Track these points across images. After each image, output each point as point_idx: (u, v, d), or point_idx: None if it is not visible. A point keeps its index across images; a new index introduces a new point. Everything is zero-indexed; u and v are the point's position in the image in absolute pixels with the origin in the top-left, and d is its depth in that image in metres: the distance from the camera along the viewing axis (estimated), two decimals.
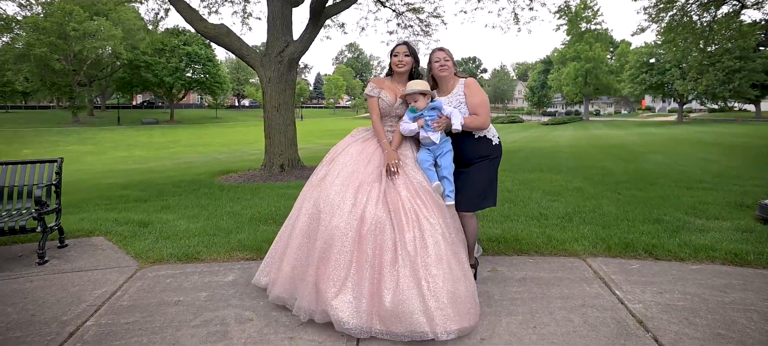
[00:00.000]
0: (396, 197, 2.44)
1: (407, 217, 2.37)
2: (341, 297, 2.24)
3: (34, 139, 30.31)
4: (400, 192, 2.47)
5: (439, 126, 2.62)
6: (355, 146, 2.75)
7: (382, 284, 2.23)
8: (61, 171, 3.94)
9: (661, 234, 3.77)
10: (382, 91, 2.78)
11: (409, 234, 2.31)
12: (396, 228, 2.33)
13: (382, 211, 2.37)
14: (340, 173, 2.56)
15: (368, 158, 2.63)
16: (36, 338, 2.31)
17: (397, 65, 2.79)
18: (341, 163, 2.64)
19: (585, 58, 51.15)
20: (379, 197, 2.42)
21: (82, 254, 3.69)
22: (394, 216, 2.37)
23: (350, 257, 2.29)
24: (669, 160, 9.94)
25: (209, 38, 8.75)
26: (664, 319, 2.38)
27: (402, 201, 2.43)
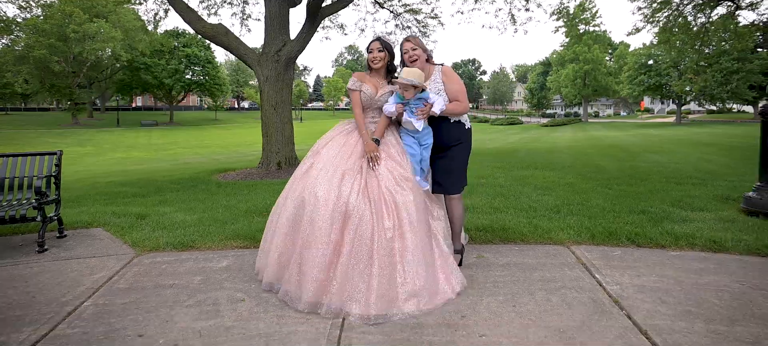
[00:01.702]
0: (376, 188, 2.55)
1: (387, 207, 2.48)
2: (322, 283, 2.37)
3: (34, 141, 30.43)
4: (381, 182, 2.57)
5: (424, 114, 2.73)
6: (339, 139, 2.84)
7: (362, 270, 2.35)
8: (60, 163, 4.04)
9: (644, 224, 3.87)
10: (364, 85, 2.87)
11: (387, 222, 2.42)
12: (375, 217, 2.43)
13: (363, 201, 2.47)
14: (324, 165, 2.66)
15: (351, 150, 2.73)
16: (36, 317, 2.40)
17: (372, 61, 2.89)
18: (325, 156, 2.73)
19: (584, 59, 51.38)
20: (361, 187, 2.53)
21: (80, 243, 3.79)
22: (375, 206, 2.47)
23: (333, 246, 2.40)
24: (664, 160, 10.04)
25: (207, 38, 8.86)
26: (638, 298, 2.48)
27: (382, 191, 2.53)
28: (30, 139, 31.03)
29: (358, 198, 2.48)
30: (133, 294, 2.69)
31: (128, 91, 52.69)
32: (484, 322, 2.25)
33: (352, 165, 2.64)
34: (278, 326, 2.24)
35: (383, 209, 2.47)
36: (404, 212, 2.47)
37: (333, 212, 2.44)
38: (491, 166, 8.50)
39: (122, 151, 24.79)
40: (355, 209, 2.44)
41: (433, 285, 2.45)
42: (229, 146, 24.89)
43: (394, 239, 2.41)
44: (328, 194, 2.49)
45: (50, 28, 37.46)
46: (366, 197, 2.51)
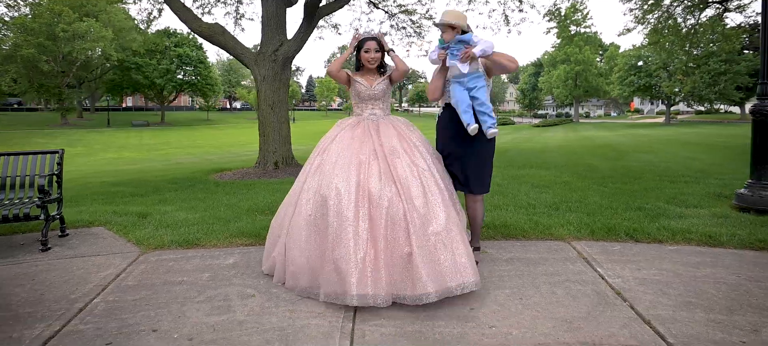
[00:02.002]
0: (400, 170, 2.56)
1: (415, 187, 2.50)
2: (363, 275, 2.31)
3: (23, 141, 29.98)
4: (402, 167, 2.58)
5: (465, 57, 2.69)
6: (345, 133, 2.82)
7: (401, 254, 2.36)
8: (62, 162, 4.03)
9: (642, 220, 3.97)
10: (356, 78, 2.93)
11: (418, 201, 2.46)
12: (403, 198, 2.45)
13: (387, 184, 2.49)
14: (337, 159, 2.63)
15: (361, 141, 2.73)
16: (47, 313, 2.41)
17: (368, 62, 2.90)
18: (335, 151, 2.71)
19: (575, 60, 51.95)
20: (381, 171, 2.54)
21: (83, 242, 3.78)
22: (402, 187, 2.48)
23: (365, 235, 2.38)
24: (655, 159, 10.22)
25: (204, 37, 8.83)
26: (640, 290, 2.55)
27: (406, 173, 2.55)
28: (19, 140, 30.56)
29: (381, 182, 2.49)
30: (142, 291, 2.70)
31: (119, 91, 52.16)
32: (493, 314, 2.31)
33: (366, 153, 2.64)
34: (291, 320, 2.27)
35: (411, 189, 2.48)
36: (430, 196, 2.49)
37: (357, 201, 2.44)
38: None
39: (113, 151, 24.54)
40: (380, 194, 2.45)
41: (472, 265, 2.43)
42: (222, 146, 24.76)
43: (428, 217, 2.41)
44: (348, 185, 2.49)
45: (39, 27, 36.94)
46: (389, 178, 2.52)
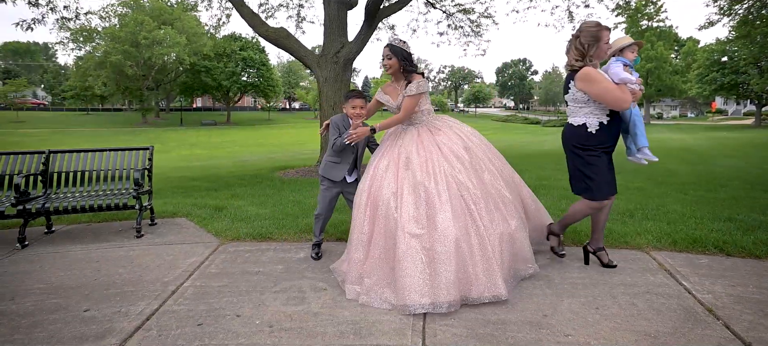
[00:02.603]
0: (401, 180, 2.70)
1: (408, 195, 2.63)
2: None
3: (111, 139, 33.34)
4: (402, 176, 2.71)
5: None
6: (389, 140, 3.04)
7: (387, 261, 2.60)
8: (152, 157, 4.46)
9: (733, 232, 3.62)
10: (382, 95, 3.10)
11: (410, 209, 2.60)
12: (401, 210, 2.59)
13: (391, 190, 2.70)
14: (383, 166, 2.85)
15: (398, 147, 2.90)
16: (146, 293, 2.69)
17: (386, 68, 3.00)
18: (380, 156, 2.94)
19: (646, 57, 48.12)
20: (391, 180, 2.73)
21: (170, 230, 4.15)
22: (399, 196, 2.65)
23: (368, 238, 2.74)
24: (743, 164, 9.24)
25: (270, 41, 9.30)
26: (737, 309, 2.34)
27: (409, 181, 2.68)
28: (107, 137, 34.05)
29: (390, 190, 2.68)
30: (224, 279, 2.92)
31: (190, 92, 56.34)
32: (568, 322, 2.23)
33: (385, 163, 2.84)
34: (363, 315, 2.35)
35: (403, 196, 2.62)
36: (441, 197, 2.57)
37: (366, 207, 2.73)
38: (550, 168, 8.26)
39: (186, 149, 26.55)
40: (388, 202, 2.63)
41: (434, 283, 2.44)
42: (283, 145, 25.90)
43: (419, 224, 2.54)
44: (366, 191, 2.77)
45: (125, 35, 40.99)
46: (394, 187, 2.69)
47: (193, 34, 45.28)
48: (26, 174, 4.05)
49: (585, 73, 2.65)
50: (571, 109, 2.83)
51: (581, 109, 2.77)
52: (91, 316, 2.40)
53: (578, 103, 2.76)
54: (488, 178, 2.75)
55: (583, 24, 2.73)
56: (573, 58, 2.73)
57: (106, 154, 4.42)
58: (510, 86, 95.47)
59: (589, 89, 2.65)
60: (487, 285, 2.39)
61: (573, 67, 2.72)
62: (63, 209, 3.76)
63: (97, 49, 41.61)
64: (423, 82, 2.91)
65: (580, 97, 2.73)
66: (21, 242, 3.68)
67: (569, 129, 2.86)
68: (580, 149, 2.80)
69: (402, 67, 2.94)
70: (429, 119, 3.02)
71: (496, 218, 2.61)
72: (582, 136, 2.78)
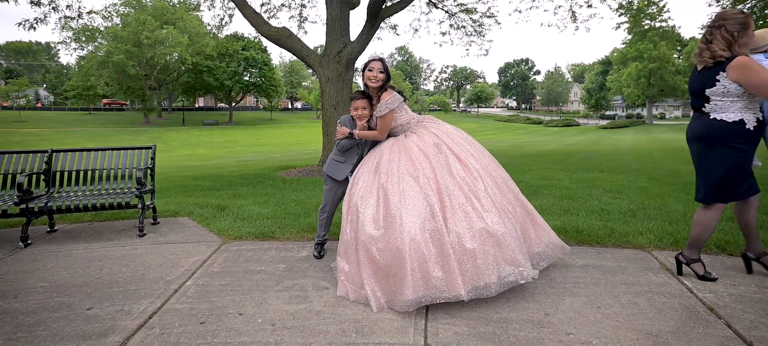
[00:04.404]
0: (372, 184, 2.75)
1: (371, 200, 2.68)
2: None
3: (113, 138, 33.46)
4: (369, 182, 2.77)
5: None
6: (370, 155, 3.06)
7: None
8: (154, 156, 4.47)
9: (735, 232, 3.60)
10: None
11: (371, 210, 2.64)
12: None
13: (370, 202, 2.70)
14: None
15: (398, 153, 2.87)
16: (149, 291, 2.70)
17: (370, 80, 2.98)
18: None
19: (648, 57, 48.04)
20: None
21: (172, 229, 4.17)
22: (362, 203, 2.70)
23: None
24: None
25: (272, 41, 9.31)
26: (738, 308, 2.34)
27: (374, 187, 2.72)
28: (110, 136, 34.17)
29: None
30: (227, 277, 2.93)
31: (192, 92, 56.50)
32: (570, 321, 2.23)
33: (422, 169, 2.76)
34: (365, 314, 2.36)
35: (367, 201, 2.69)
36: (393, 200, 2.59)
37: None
38: (552, 167, 8.25)
39: (188, 148, 26.61)
40: (354, 206, 2.73)
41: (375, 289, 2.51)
42: (285, 145, 25.94)
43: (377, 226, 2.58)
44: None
45: (127, 35, 41.14)
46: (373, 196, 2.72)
47: (195, 34, 45.43)
48: (29, 173, 4.07)
49: (742, 63, 2.41)
50: (717, 104, 2.54)
51: (734, 104, 2.50)
52: (93, 314, 2.41)
53: (730, 96, 2.49)
54: (462, 173, 2.66)
55: (724, 12, 2.54)
56: (719, 49, 2.49)
57: (109, 154, 4.44)
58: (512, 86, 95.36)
59: (748, 79, 2.40)
60: (447, 284, 2.30)
61: (719, 59, 2.49)
62: (65, 208, 3.78)
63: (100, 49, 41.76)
64: (392, 98, 2.93)
65: (734, 89, 2.46)
66: (24, 240, 3.70)
67: (720, 126, 2.54)
68: (736, 147, 2.53)
69: (384, 84, 3.01)
70: (410, 127, 3.04)
71: (460, 214, 2.47)
72: (740, 133, 2.51)
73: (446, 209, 2.50)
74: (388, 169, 2.75)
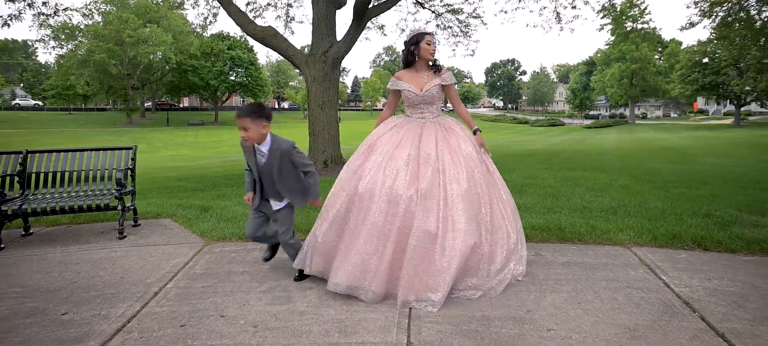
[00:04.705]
0: (422, 178, 2.59)
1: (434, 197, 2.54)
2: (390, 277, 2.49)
3: (93, 139, 32.72)
4: (425, 176, 2.61)
5: None
6: (389, 136, 2.90)
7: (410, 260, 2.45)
8: (135, 157, 4.39)
9: (711, 227, 3.71)
10: (402, 83, 2.96)
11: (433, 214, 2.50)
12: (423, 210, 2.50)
13: (411, 190, 2.55)
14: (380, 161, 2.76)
15: (401, 146, 2.79)
16: (127, 295, 2.65)
17: (431, 53, 2.94)
18: (379, 153, 2.81)
19: (631, 58, 49.02)
20: (409, 179, 2.60)
21: (154, 231, 4.10)
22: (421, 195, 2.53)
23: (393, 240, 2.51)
24: (723, 163, 9.47)
25: (258, 40, 9.22)
26: (712, 301, 2.40)
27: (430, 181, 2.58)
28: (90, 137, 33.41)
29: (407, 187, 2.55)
30: (209, 279, 2.89)
31: (177, 92, 55.54)
32: (551, 317, 2.26)
33: (403, 159, 2.70)
34: (349, 314, 2.35)
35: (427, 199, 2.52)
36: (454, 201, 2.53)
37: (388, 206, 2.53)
38: (537, 167, 8.35)
39: (173, 148, 26.19)
40: (400, 199, 2.51)
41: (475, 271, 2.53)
42: None
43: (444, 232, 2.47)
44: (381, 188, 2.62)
45: (109, 33, 40.22)
46: (415, 186, 2.56)
47: (179, 33, 44.67)
48: (2, 175, 3.95)
49: None
50: None
51: None
52: (69, 319, 2.35)
53: None
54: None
55: None
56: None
57: (87, 154, 4.33)
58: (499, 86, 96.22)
59: None
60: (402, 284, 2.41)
61: None
62: (41, 211, 3.68)
63: (80, 48, 40.74)
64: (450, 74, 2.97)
65: None
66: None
67: None
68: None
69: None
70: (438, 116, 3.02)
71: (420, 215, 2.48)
72: None
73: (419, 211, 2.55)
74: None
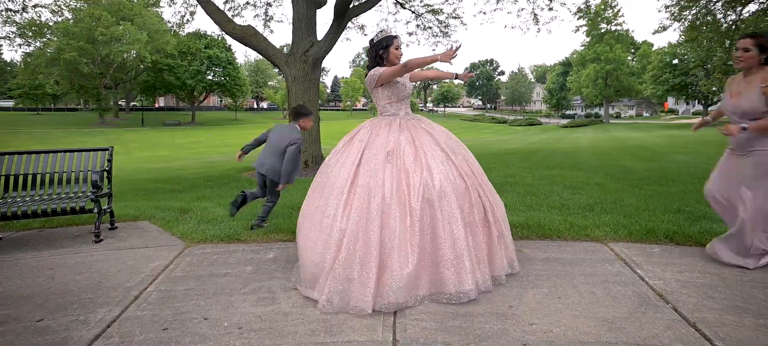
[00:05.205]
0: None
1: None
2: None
3: (64, 139, 31.55)
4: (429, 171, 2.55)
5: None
6: (390, 136, 2.75)
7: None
8: (111, 159, 4.27)
9: (682, 222, 3.86)
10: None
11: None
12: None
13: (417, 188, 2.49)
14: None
15: (383, 142, 2.71)
16: (106, 299, 2.58)
17: (399, 59, 2.95)
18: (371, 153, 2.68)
19: (605, 59, 50.42)
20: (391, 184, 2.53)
21: (131, 234, 4.00)
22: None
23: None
24: (692, 160, 9.85)
25: (237, 39, 9.09)
26: (684, 293, 2.51)
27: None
28: (59, 139, 32.19)
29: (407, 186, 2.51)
30: (191, 282, 2.84)
31: (152, 92, 54.14)
32: (532, 312, 2.32)
33: (410, 159, 2.62)
34: (334, 313, 2.35)
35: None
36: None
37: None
38: (517, 165, 8.51)
39: (149, 150, 25.51)
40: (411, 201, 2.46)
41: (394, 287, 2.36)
42: None
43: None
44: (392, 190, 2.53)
45: (80, 31, 38.86)
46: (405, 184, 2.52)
47: (154, 31, 43.53)
48: None
49: None
50: None
51: None
52: (45, 326, 2.28)
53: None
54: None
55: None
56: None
57: (61, 156, 4.20)
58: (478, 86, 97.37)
59: None
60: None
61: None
62: (11, 214, 3.54)
63: (49, 45, 39.18)
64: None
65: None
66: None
67: None
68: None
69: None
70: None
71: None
72: None
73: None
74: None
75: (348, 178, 2.58)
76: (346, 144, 2.86)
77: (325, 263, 2.45)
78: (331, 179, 2.69)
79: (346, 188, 2.55)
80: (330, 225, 2.49)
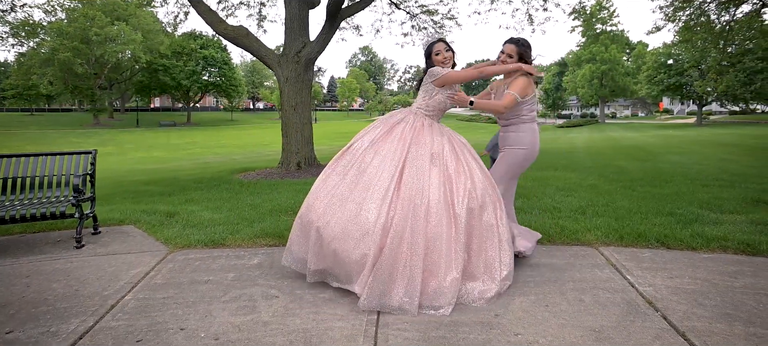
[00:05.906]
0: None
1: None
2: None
3: (58, 140, 31.32)
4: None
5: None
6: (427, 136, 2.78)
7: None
8: (95, 162, 4.18)
9: (673, 226, 3.82)
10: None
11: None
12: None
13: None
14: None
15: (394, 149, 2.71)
16: (81, 309, 2.50)
17: (444, 63, 2.91)
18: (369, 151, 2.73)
19: (601, 59, 50.54)
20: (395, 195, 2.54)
21: (114, 239, 3.91)
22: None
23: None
24: (686, 161, 9.84)
25: (229, 39, 9.00)
26: (673, 300, 2.45)
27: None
28: (54, 140, 31.95)
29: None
30: (170, 289, 2.77)
31: (147, 92, 53.84)
32: (518, 321, 2.26)
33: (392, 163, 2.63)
34: (315, 322, 2.29)
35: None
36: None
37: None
38: None
39: (143, 151, 25.34)
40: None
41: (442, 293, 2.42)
42: (246, 146, 25.21)
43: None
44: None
45: (74, 31, 38.57)
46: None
47: (149, 31, 43.25)
48: None
49: None
50: None
51: None
52: (13, 338, 2.19)
53: None
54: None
55: None
56: None
57: (43, 160, 4.11)
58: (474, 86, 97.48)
59: None
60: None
61: None
62: None
63: (42, 45, 38.86)
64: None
65: None
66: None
67: None
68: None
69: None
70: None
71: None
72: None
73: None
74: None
75: (394, 175, 2.56)
76: (384, 136, 2.80)
77: (365, 259, 2.41)
78: (369, 173, 2.63)
79: (391, 185, 2.53)
80: (371, 220, 2.44)
